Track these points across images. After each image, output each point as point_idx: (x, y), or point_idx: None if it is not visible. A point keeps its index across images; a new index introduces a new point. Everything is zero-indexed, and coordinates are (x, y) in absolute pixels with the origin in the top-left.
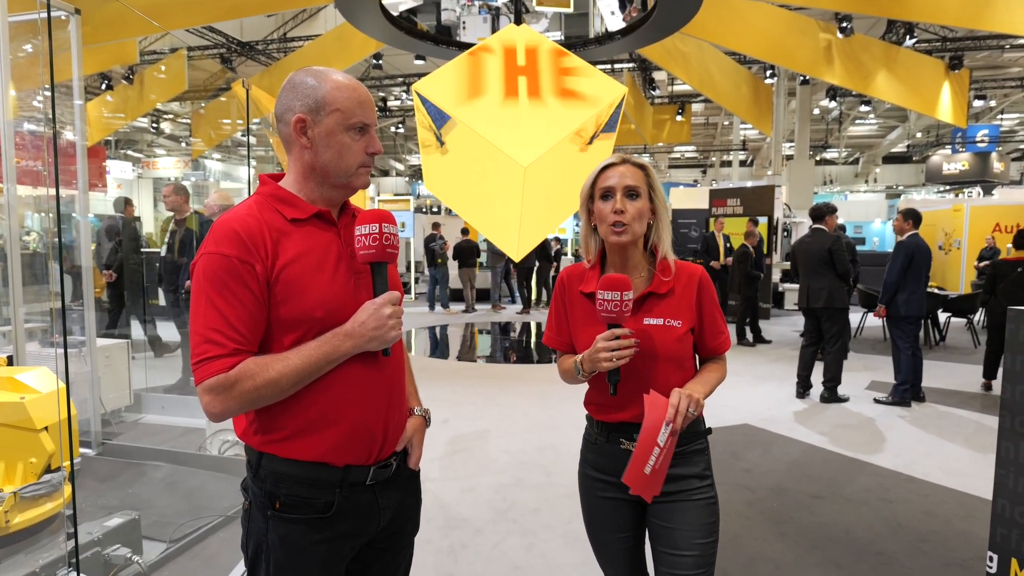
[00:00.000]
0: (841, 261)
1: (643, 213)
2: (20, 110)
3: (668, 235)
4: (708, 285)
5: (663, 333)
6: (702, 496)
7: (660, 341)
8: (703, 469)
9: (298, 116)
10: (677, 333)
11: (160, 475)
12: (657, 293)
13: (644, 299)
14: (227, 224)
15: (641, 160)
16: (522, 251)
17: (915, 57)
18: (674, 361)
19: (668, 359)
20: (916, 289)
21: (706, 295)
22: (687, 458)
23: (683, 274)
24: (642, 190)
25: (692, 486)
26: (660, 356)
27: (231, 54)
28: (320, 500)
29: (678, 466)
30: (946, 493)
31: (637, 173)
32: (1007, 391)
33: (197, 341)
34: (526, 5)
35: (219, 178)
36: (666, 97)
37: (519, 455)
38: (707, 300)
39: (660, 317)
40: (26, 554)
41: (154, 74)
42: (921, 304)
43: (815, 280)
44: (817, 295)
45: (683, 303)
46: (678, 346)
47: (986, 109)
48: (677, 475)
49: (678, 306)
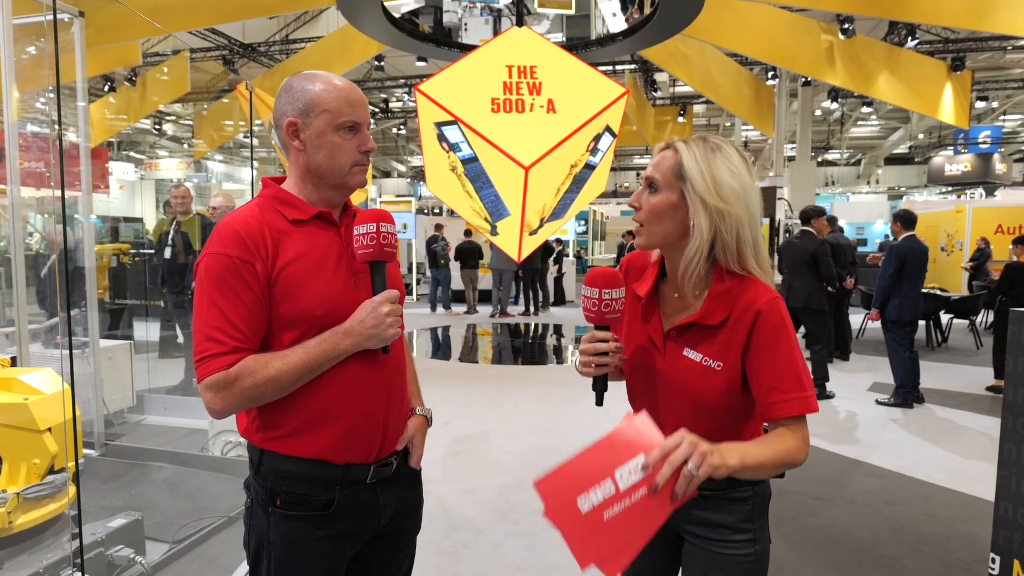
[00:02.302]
0: (825, 266)
1: (660, 211)
2: (23, 112)
3: (743, 243)
4: (769, 320)
5: (697, 375)
6: (734, 552)
7: (691, 385)
8: (740, 520)
9: (290, 120)
10: (714, 379)
11: (163, 476)
12: (704, 324)
13: (689, 327)
14: (229, 225)
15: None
16: (524, 252)
17: (917, 58)
18: (710, 414)
19: (701, 409)
20: (909, 292)
21: (762, 334)
22: (720, 504)
23: (743, 299)
24: (666, 181)
25: (722, 536)
26: (690, 403)
27: (233, 56)
28: (320, 497)
29: (708, 510)
30: (948, 495)
31: (669, 160)
32: (1009, 393)
33: (199, 339)
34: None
35: (221, 180)
36: (668, 98)
37: (521, 456)
38: (761, 341)
39: (701, 353)
40: (30, 555)
41: (157, 76)
42: (915, 307)
43: (797, 280)
44: (797, 295)
45: (733, 340)
46: (714, 396)
47: (988, 110)
48: (707, 519)
49: (727, 343)
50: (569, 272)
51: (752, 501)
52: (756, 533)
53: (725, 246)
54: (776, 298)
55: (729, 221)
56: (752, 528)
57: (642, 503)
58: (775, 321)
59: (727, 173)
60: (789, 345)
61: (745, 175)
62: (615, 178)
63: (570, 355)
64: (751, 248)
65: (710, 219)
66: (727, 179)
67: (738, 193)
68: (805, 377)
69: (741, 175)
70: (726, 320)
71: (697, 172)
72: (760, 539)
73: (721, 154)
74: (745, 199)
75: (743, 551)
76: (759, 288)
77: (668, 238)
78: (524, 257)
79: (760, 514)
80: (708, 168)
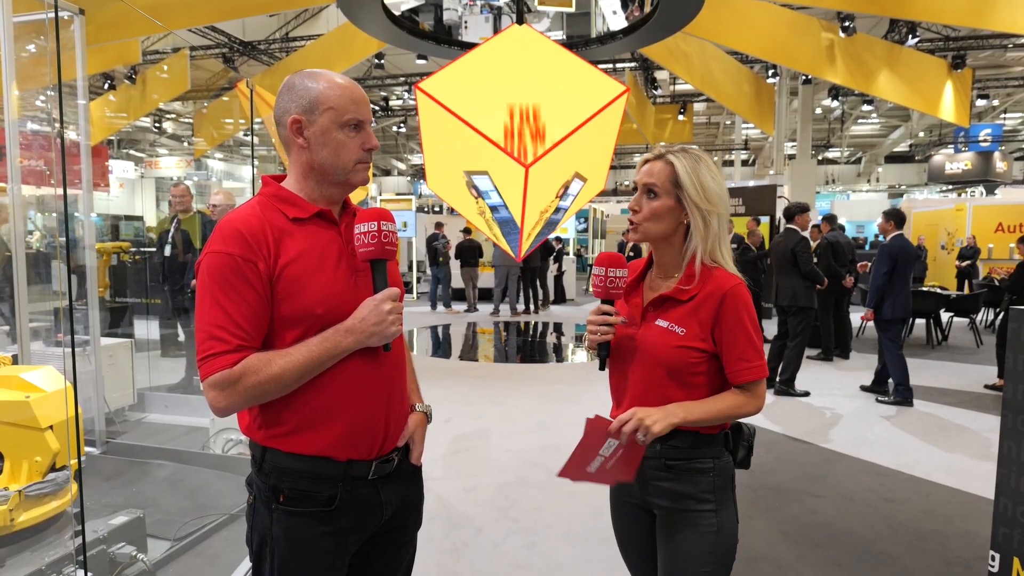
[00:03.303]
0: (804, 262)
1: (660, 213)
2: (23, 110)
3: (709, 240)
4: (735, 301)
5: (663, 337)
6: (698, 522)
7: (658, 344)
8: (702, 491)
9: (293, 117)
10: (676, 340)
11: (164, 474)
12: (675, 299)
13: (664, 301)
14: (231, 224)
15: (677, 156)
16: (524, 251)
17: (918, 56)
18: (669, 370)
19: (662, 365)
20: (901, 291)
21: (728, 312)
22: (685, 475)
23: (711, 284)
24: (664, 189)
25: (686, 507)
26: (655, 361)
27: (233, 54)
28: (323, 494)
29: (673, 480)
30: (948, 492)
31: (664, 170)
32: (1009, 390)
33: (202, 338)
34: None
35: (221, 178)
36: (668, 96)
37: (521, 454)
38: (728, 318)
39: (668, 321)
40: (32, 552)
41: (157, 74)
42: (906, 305)
43: (783, 278)
44: (783, 293)
45: (698, 314)
46: (674, 354)
47: (989, 108)
48: (672, 491)
49: (691, 315)
50: (569, 270)
51: (712, 474)
52: (718, 504)
53: (713, 240)
54: (740, 284)
55: (715, 220)
56: (714, 499)
57: (624, 454)
58: (739, 302)
59: (710, 179)
60: (753, 323)
61: (721, 181)
62: (615, 176)
63: (570, 353)
64: (723, 241)
65: (702, 219)
66: (711, 184)
67: (720, 196)
68: (761, 350)
69: (719, 181)
70: (694, 297)
71: (689, 181)
72: (722, 511)
73: (703, 164)
74: (724, 201)
75: (706, 521)
76: (725, 275)
77: (662, 234)
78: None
79: (722, 488)
80: (697, 177)
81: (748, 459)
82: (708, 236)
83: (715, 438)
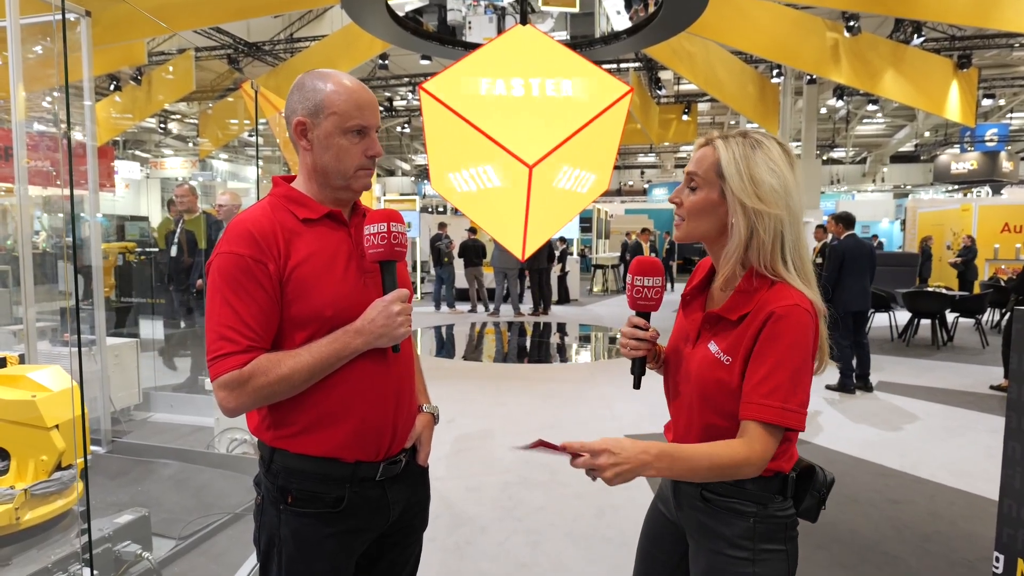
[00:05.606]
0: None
1: (700, 209)
2: (29, 111)
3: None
4: (779, 324)
5: (708, 365)
6: (729, 569)
7: (703, 371)
8: (737, 536)
9: (298, 119)
10: (721, 372)
11: (169, 473)
12: (726, 318)
13: (718, 321)
14: (241, 224)
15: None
16: (528, 251)
17: (923, 56)
18: (713, 403)
19: (705, 397)
20: (851, 286)
21: (766, 334)
22: (719, 513)
23: (762, 300)
24: (706, 179)
25: (717, 548)
26: (697, 391)
27: (238, 55)
28: (331, 495)
29: (708, 515)
30: (952, 493)
31: (708, 157)
32: (1014, 391)
33: (212, 338)
34: (532, 5)
35: (226, 178)
36: (672, 96)
37: (524, 454)
38: (761, 342)
39: (718, 347)
40: (38, 550)
41: (162, 75)
42: (859, 299)
43: None
44: None
45: (743, 339)
46: (717, 388)
47: (995, 108)
48: (706, 526)
49: (738, 341)
50: (573, 271)
51: (754, 520)
52: (755, 555)
53: (761, 247)
54: (796, 305)
55: (767, 222)
56: (751, 548)
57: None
58: (783, 326)
59: (767, 171)
60: (788, 352)
61: (787, 173)
62: (619, 176)
63: (574, 354)
64: (791, 249)
65: (748, 220)
66: (767, 178)
67: (778, 192)
68: (790, 390)
69: (782, 173)
70: (745, 316)
71: (735, 172)
72: (760, 564)
73: (761, 151)
74: (786, 199)
75: (739, 571)
76: (784, 292)
77: (708, 234)
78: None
79: (766, 538)
80: (747, 167)
81: (817, 510)
82: (755, 241)
83: (767, 480)
